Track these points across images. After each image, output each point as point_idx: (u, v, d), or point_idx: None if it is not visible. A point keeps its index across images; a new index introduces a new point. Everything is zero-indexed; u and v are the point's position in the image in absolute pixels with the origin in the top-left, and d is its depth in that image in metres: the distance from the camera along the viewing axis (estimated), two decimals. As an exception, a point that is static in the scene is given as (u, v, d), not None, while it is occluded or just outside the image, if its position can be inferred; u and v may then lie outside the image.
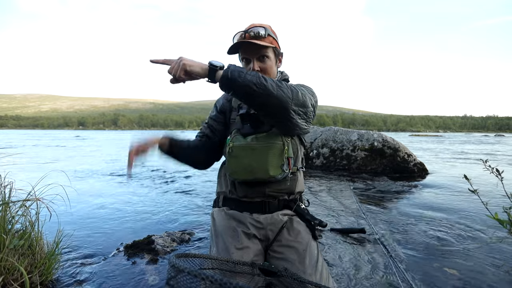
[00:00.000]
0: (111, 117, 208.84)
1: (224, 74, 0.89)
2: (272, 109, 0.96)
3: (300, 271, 0.96)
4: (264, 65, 1.13)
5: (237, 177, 1.12)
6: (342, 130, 5.36)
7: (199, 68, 0.89)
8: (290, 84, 1.01)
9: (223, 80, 0.89)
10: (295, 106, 0.98)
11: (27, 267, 1.20)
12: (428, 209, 2.62)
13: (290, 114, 0.98)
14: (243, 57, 1.14)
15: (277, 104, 0.94)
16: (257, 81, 0.90)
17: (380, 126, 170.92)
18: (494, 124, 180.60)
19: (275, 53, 1.18)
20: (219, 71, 0.90)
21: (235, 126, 1.18)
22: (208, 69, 0.90)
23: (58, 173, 2.18)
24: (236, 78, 0.88)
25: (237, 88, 0.90)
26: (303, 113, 1.03)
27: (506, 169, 5.15)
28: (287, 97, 0.95)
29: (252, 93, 0.90)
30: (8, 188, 1.37)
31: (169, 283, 0.56)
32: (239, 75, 0.89)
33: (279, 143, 1.08)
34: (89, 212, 2.47)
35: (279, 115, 0.98)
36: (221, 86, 0.92)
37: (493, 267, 1.51)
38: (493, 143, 15.84)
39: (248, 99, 0.94)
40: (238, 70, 0.90)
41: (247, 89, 0.89)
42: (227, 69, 0.90)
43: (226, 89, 0.92)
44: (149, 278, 1.37)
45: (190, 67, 0.88)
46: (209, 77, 0.90)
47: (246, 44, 1.10)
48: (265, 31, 1.11)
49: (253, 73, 0.92)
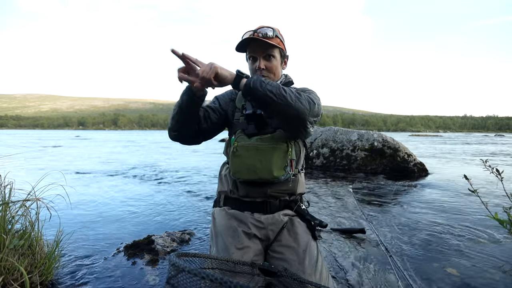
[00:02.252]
0: (111, 117, 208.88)
1: (247, 83, 0.96)
2: (290, 119, 1.01)
3: (300, 271, 0.96)
4: (270, 64, 1.16)
5: (240, 177, 1.13)
6: (342, 130, 5.37)
7: (228, 73, 0.96)
8: (307, 95, 1.05)
9: (246, 88, 0.96)
10: (311, 117, 1.04)
11: (27, 267, 1.20)
12: (428, 209, 2.63)
13: (306, 124, 1.04)
14: (250, 55, 1.18)
15: (295, 115, 0.99)
16: (277, 91, 0.95)
17: (380, 126, 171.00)
18: (494, 124, 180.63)
19: (281, 54, 1.21)
20: (244, 79, 0.97)
21: (239, 126, 1.18)
22: (235, 76, 0.97)
23: (58, 173, 2.18)
24: (257, 88, 0.94)
25: (258, 97, 0.96)
26: (314, 122, 1.09)
27: (506, 169, 5.15)
28: (305, 109, 1.00)
29: (272, 103, 0.96)
30: (8, 188, 1.37)
31: (170, 282, 0.56)
32: (261, 85, 0.95)
33: (283, 145, 1.10)
34: (89, 212, 2.47)
35: (297, 125, 1.04)
36: (243, 94, 0.99)
37: (493, 267, 1.51)
38: (493, 143, 15.85)
39: (269, 108, 0.99)
40: (260, 80, 0.96)
41: (267, 98, 0.95)
42: (251, 78, 0.97)
43: (247, 96, 0.98)
44: (149, 278, 1.37)
45: (221, 70, 0.94)
46: (234, 83, 0.97)
47: (254, 42, 1.13)
48: (273, 32, 1.15)
49: (274, 84, 0.97)
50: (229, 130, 1.26)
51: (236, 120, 1.22)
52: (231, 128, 1.23)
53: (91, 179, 4.15)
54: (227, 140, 1.26)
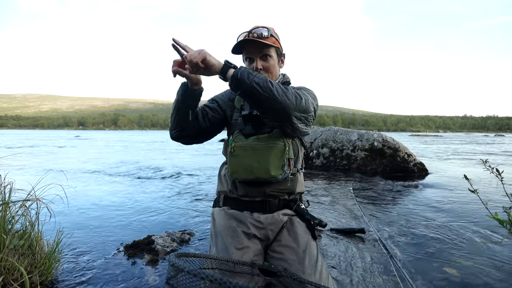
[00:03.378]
0: (111, 117, 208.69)
1: (234, 73, 0.94)
2: (275, 113, 1.00)
3: (300, 271, 0.96)
4: (267, 64, 1.16)
5: (237, 177, 1.13)
6: (342, 130, 5.37)
7: (216, 61, 0.95)
8: (295, 90, 1.04)
9: (233, 79, 0.94)
10: (297, 113, 1.02)
11: (27, 267, 1.20)
12: (428, 209, 2.63)
13: (292, 119, 1.02)
14: (247, 56, 1.18)
15: (280, 109, 0.98)
16: (264, 84, 0.94)
17: (380, 126, 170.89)
18: (494, 124, 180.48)
19: (278, 53, 1.21)
20: (231, 69, 0.95)
21: (237, 126, 1.19)
22: (223, 65, 0.95)
23: (58, 173, 2.18)
24: (244, 79, 0.92)
25: (244, 89, 0.94)
26: (304, 118, 1.06)
27: (506, 169, 5.15)
28: (291, 103, 0.98)
29: (258, 96, 0.94)
30: (8, 188, 1.37)
31: (169, 282, 0.56)
32: (248, 76, 0.93)
33: (280, 144, 1.09)
34: (89, 212, 2.47)
35: (281, 119, 1.02)
36: (230, 85, 0.96)
37: (493, 267, 1.51)
38: (493, 143, 15.84)
39: (254, 101, 0.98)
40: (248, 72, 0.94)
41: (253, 90, 0.93)
42: (238, 69, 0.95)
43: (234, 88, 0.96)
44: (149, 278, 1.37)
45: (210, 57, 0.93)
46: (221, 73, 0.95)
47: (250, 43, 1.13)
48: (268, 32, 1.14)
49: (262, 77, 0.96)
50: (228, 130, 1.27)
51: (234, 121, 1.22)
52: (230, 128, 1.24)
53: (91, 179, 4.15)
54: (226, 140, 1.26)
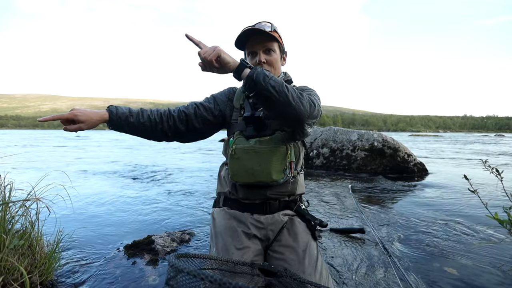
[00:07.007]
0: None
1: (250, 74, 0.90)
2: (288, 119, 0.97)
3: (300, 271, 0.96)
4: (270, 58, 1.14)
5: (238, 180, 1.11)
6: (342, 130, 5.36)
7: (231, 59, 0.92)
8: (308, 96, 1.00)
9: (248, 79, 0.90)
10: (309, 119, 0.99)
11: (27, 267, 1.20)
12: (428, 209, 2.62)
13: (304, 126, 1.00)
14: (250, 51, 1.16)
15: (294, 116, 0.94)
16: (279, 88, 0.90)
17: (380, 126, 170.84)
18: (494, 124, 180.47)
19: (280, 49, 1.20)
20: (247, 69, 0.91)
21: (237, 127, 1.16)
22: (239, 64, 0.92)
23: (58, 173, 2.18)
24: (260, 81, 0.88)
25: (259, 91, 0.90)
26: (313, 123, 1.05)
27: (506, 169, 5.15)
28: (305, 111, 0.95)
29: (272, 99, 0.90)
30: (8, 188, 1.37)
31: (169, 283, 0.56)
32: (264, 78, 0.89)
33: (282, 148, 1.07)
34: (89, 212, 2.47)
35: (294, 125, 1.00)
36: (244, 85, 0.92)
37: (493, 267, 1.51)
38: (493, 143, 15.83)
39: (268, 104, 0.93)
40: (264, 74, 0.90)
41: (268, 93, 0.89)
42: (254, 69, 0.91)
43: (248, 89, 0.92)
44: (149, 278, 1.37)
45: (224, 54, 0.91)
46: (236, 71, 0.92)
47: (253, 37, 1.12)
48: (271, 26, 1.14)
49: (278, 80, 0.92)
50: (227, 130, 1.25)
51: (234, 121, 1.20)
52: (230, 128, 1.22)
53: (91, 179, 4.15)
54: (226, 140, 1.25)
